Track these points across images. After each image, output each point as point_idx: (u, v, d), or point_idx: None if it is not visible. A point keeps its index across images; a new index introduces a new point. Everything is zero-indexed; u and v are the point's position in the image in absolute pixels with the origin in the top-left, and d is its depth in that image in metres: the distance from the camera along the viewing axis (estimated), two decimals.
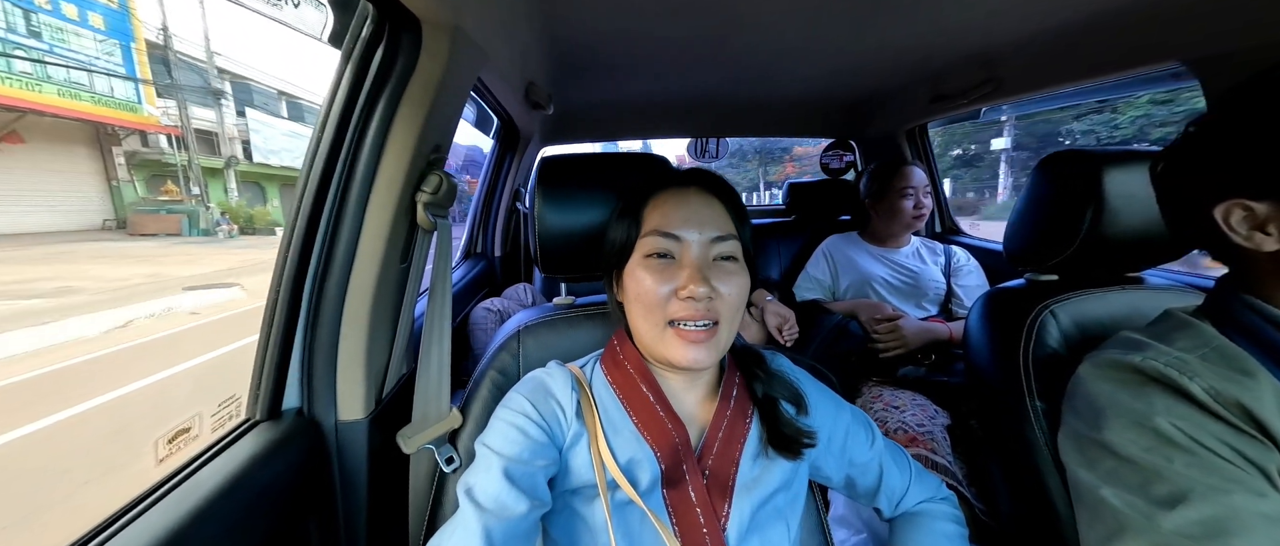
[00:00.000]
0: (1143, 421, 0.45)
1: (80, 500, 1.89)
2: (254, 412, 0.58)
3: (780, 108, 1.77)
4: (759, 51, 1.20)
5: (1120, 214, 0.67)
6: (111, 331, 4.15)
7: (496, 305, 1.44)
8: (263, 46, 13.17)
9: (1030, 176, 0.76)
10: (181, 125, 11.27)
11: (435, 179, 0.65)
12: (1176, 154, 0.51)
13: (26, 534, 1.72)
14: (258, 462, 0.52)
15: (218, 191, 12.65)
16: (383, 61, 0.58)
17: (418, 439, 0.61)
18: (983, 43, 1.11)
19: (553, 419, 0.53)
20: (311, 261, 0.59)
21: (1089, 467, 0.49)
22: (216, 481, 0.48)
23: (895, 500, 0.63)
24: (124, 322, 4.32)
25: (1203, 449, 0.43)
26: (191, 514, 0.45)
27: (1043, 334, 0.68)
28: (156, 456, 0.82)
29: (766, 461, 0.55)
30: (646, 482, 0.51)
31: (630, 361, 0.56)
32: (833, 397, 0.64)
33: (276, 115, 14.40)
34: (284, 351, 0.58)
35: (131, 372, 3.23)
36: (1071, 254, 0.70)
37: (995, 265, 1.48)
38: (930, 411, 1.10)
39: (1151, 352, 0.48)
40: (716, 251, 0.52)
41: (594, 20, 0.99)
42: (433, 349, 0.65)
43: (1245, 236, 0.45)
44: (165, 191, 11.70)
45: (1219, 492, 0.41)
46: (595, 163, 0.69)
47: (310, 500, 0.59)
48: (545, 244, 0.67)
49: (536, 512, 0.48)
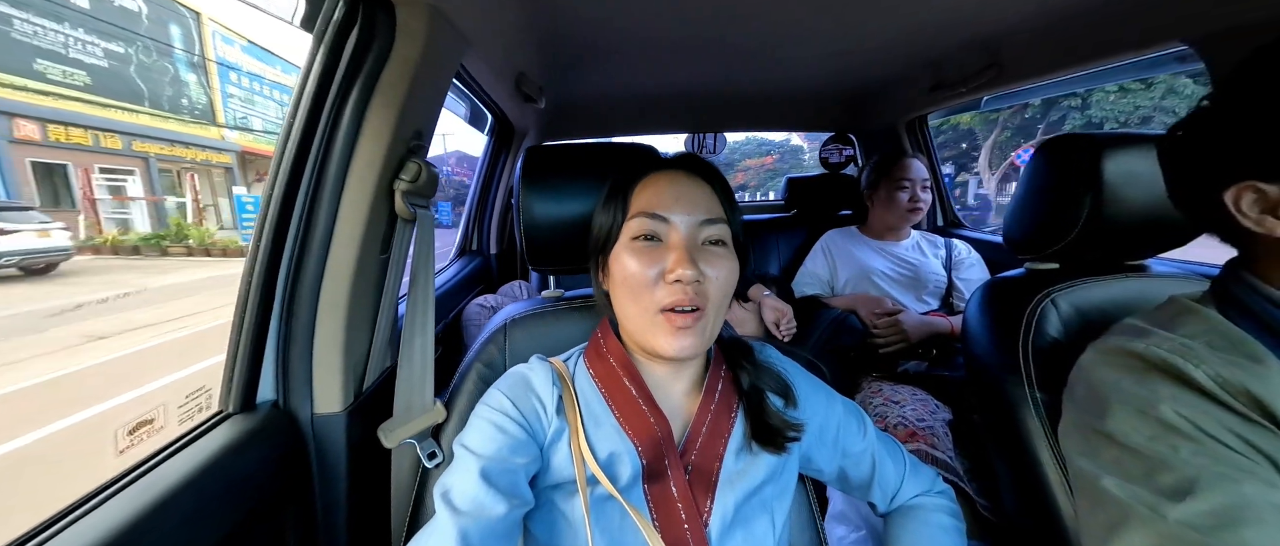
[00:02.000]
0: (1146, 409, 0.43)
1: None
2: (226, 404, 0.57)
3: (779, 100, 1.75)
4: (757, 40, 1.19)
5: (1121, 199, 0.64)
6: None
7: (491, 302, 1.42)
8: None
9: (1029, 161, 0.74)
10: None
11: (414, 167, 0.64)
12: (1186, 135, 0.48)
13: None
14: (229, 454, 0.51)
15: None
16: (357, 44, 0.56)
17: (399, 433, 0.60)
18: (984, 27, 1.09)
19: (533, 415, 0.52)
20: (286, 248, 0.58)
21: (1091, 457, 0.47)
22: (183, 472, 0.47)
23: (889, 493, 0.61)
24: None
25: (1209, 438, 0.40)
26: (154, 504, 0.43)
27: (1043, 322, 0.66)
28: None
29: (751, 455, 0.53)
30: (627, 477, 0.50)
31: (613, 353, 0.55)
32: (824, 389, 0.62)
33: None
34: (258, 341, 0.57)
35: None
36: (1072, 241, 0.68)
37: (998, 258, 1.45)
38: (931, 406, 1.08)
39: (1155, 339, 0.46)
40: (705, 235, 0.51)
41: (583, 7, 0.97)
42: (415, 340, 0.64)
43: (1256, 220, 0.43)
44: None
45: (1228, 482, 0.38)
46: (582, 152, 0.67)
47: (286, 494, 0.58)
48: (532, 236, 0.66)
49: (517, 512, 0.46)
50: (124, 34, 9.49)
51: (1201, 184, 0.47)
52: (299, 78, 0.57)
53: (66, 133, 8.74)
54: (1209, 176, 0.45)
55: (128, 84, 9.81)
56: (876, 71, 1.47)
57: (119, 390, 3.13)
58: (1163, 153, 0.52)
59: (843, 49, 1.28)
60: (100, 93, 9.25)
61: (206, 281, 6.94)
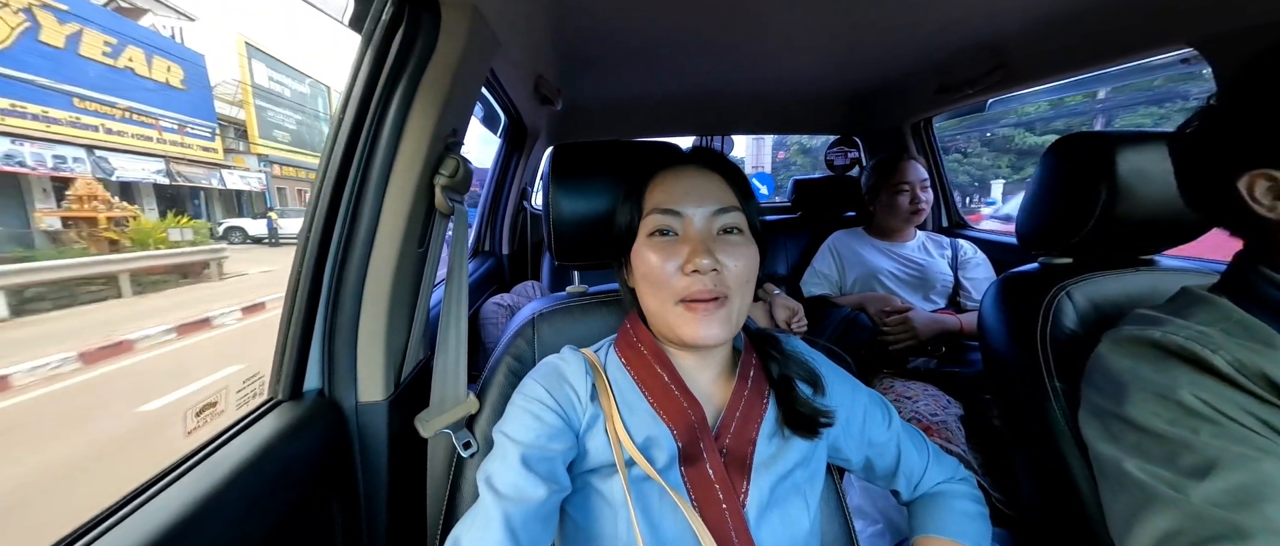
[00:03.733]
0: (1166, 394, 0.45)
1: None
2: (276, 392, 0.59)
3: (786, 102, 1.78)
4: (765, 42, 1.21)
5: (1134, 195, 0.67)
6: None
7: (507, 300, 1.44)
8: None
9: (1041, 160, 0.76)
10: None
11: (452, 162, 0.65)
12: (1199, 126, 0.51)
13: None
14: (280, 441, 0.53)
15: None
16: (403, 43, 0.59)
17: (435, 423, 0.61)
18: (991, 29, 1.11)
19: (568, 404, 0.53)
20: (332, 243, 0.59)
21: (1112, 442, 0.49)
22: (240, 457, 0.49)
23: (914, 481, 0.63)
24: None
25: (1228, 420, 0.42)
26: (216, 487, 0.45)
27: (1059, 315, 0.68)
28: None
29: (783, 440, 0.55)
30: (664, 461, 0.51)
31: (644, 342, 0.56)
32: (849, 379, 0.64)
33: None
34: (305, 332, 0.59)
35: None
36: (1086, 235, 0.70)
37: (1002, 257, 1.48)
38: (943, 401, 1.10)
39: (1171, 327, 0.48)
40: (719, 224, 0.52)
41: (601, 11, 0.99)
42: (450, 332, 0.65)
43: (1269, 207, 0.44)
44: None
45: (1249, 461, 0.40)
46: (607, 150, 0.69)
47: (332, 479, 0.60)
48: (559, 231, 0.67)
49: (556, 497, 0.48)
50: (303, 108, 16.94)
51: (1215, 175, 0.49)
52: (347, 77, 0.59)
53: (284, 169, 16.39)
54: (1223, 167, 0.47)
55: (305, 137, 16.87)
56: (882, 74, 1.49)
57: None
58: (1175, 149, 0.54)
59: (849, 52, 1.30)
60: (295, 144, 16.46)
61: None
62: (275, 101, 15.54)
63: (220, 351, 4.83)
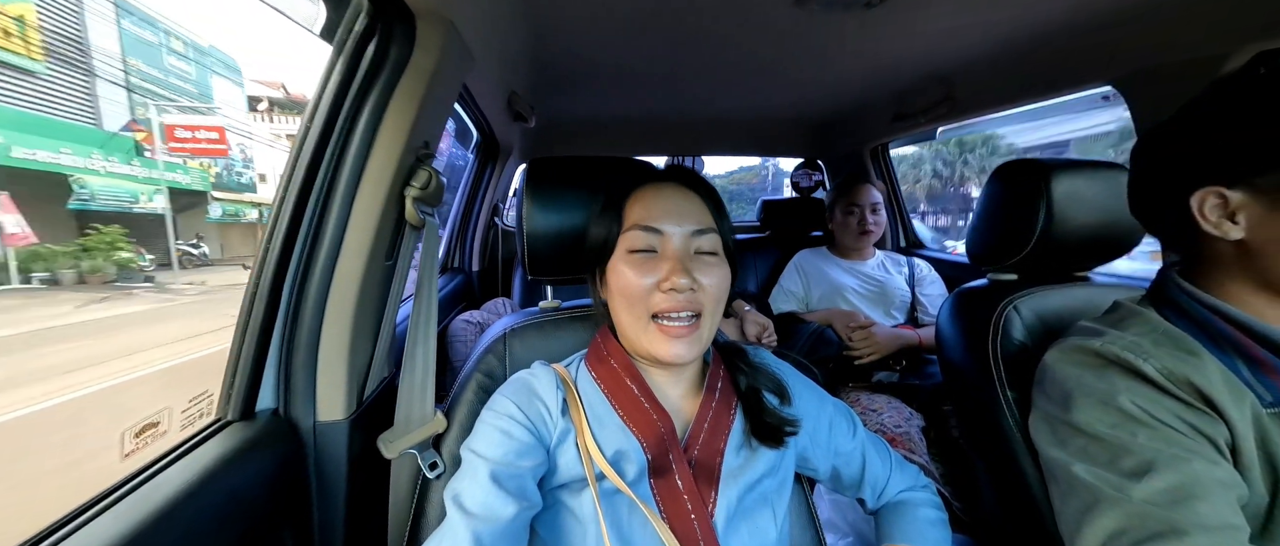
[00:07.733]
0: (1107, 400, 0.49)
1: None
2: (225, 412, 0.55)
3: (753, 126, 1.85)
4: (735, 70, 1.26)
5: (1068, 216, 0.73)
6: None
7: (476, 318, 1.41)
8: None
9: (987, 182, 0.82)
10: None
11: (424, 174, 0.65)
12: (1159, 142, 0.54)
13: None
14: (227, 464, 0.49)
15: None
16: (376, 54, 0.58)
17: (400, 443, 0.58)
18: (941, 63, 1.20)
19: (539, 419, 0.52)
20: (294, 254, 0.57)
21: (1061, 446, 0.52)
22: (181, 483, 0.45)
23: (878, 489, 0.64)
24: None
25: (1161, 424, 0.46)
26: (152, 517, 0.41)
27: (1008, 327, 0.72)
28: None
29: (750, 451, 0.55)
30: (634, 473, 0.51)
31: (615, 356, 0.56)
32: (816, 389, 0.65)
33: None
34: (262, 347, 0.56)
35: None
36: (1028, 253, 0.76)
37: (954, 275, 1.56)
38: (906, 413, 1.14)
39: (1109, 338, 0.52)
40: (697, 244, 0.53)
41: (576, 31, 1.02)
42: (418, 349, 0.63)
43: (1215, 224, 0.47)
44: None
45: (1180, 462, 0.44)
46: (582, 165, 0.70)
47: (284, 505, 0.56)
48: (532, 245, 0.67)
49: (526, 514, 0.47)
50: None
51: (1170, 188, 0.51)
52: (316, 86, 0.58)
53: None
54: (1178, 181, 0.50)
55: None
56: (843, 102, 1.58)
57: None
58: (1135, 157, 0.57)
59: (813, 80, 1.38)
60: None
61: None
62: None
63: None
